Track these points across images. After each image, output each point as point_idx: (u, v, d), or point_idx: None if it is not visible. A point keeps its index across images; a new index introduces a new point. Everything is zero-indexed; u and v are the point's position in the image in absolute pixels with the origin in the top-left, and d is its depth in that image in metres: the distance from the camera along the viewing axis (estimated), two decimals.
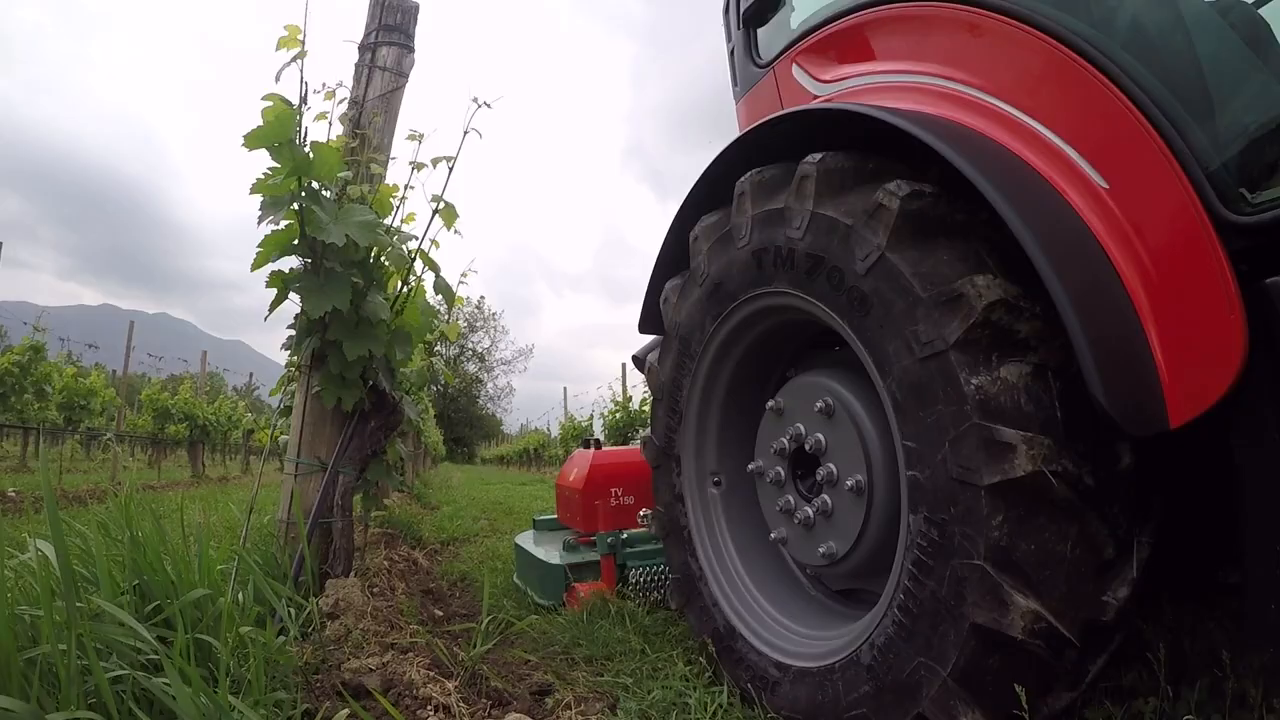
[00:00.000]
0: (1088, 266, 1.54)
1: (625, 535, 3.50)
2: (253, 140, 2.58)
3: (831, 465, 2.05)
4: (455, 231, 3.12)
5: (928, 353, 1.58)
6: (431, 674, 2.14)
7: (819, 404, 2.06)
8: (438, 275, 3.13)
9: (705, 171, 2.39)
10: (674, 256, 2.58)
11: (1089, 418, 1.48)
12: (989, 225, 1.65)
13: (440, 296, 3.23)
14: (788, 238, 1.95)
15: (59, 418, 13.61)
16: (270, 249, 2.75)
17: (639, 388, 16.16)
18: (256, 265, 2.76)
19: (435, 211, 3.04)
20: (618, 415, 15.40)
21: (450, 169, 3.01)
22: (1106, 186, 1.60)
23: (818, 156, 1.89)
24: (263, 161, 2.63)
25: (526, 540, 4.24)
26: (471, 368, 69.63)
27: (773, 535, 2.28)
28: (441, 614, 3.45)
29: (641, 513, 3.46)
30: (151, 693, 1.57)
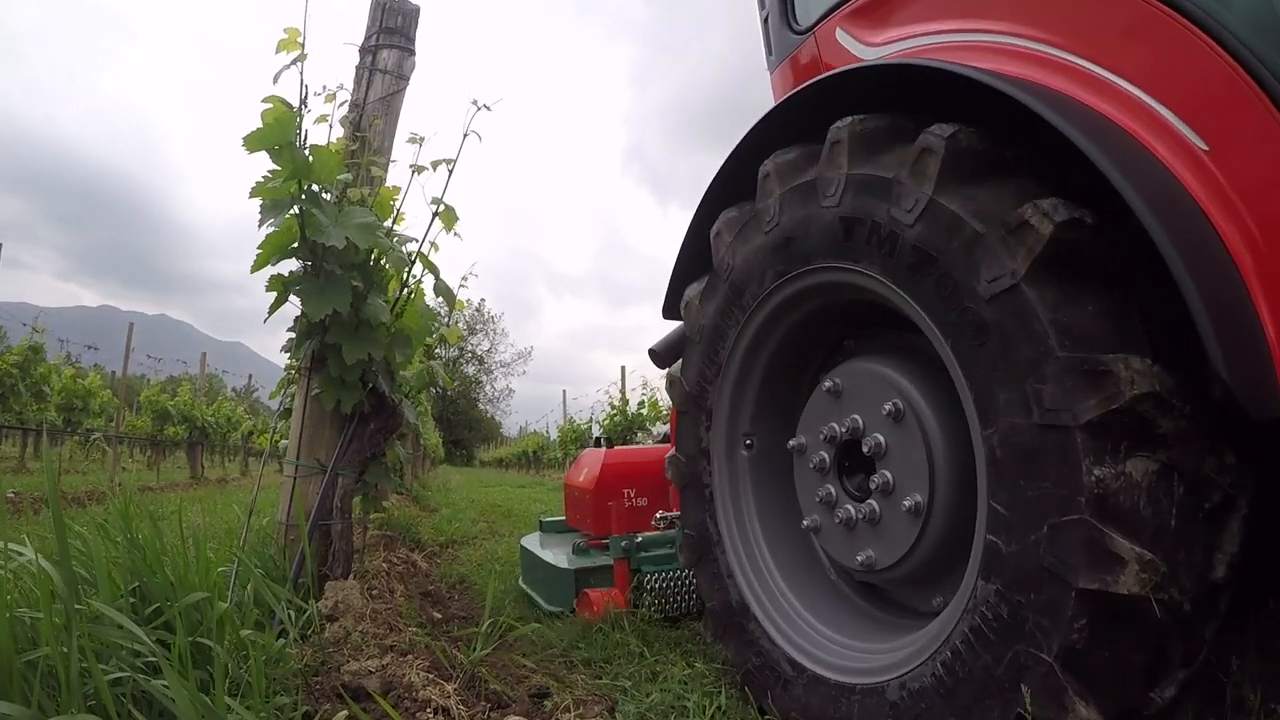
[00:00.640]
0: (1194, 230, 1.41)
1: (640, 538, 3.28)
2: (253, 142, 2.59)
3: (889, 474, 1.86)
4: (455, 234, 3.12)
5: (1051, 421, 1.37)
6: (431, 676, 2.14)
7: (888, 406, 1.85)
8: (437, 278, 3.13)
9: (775, 112, 2.14)
10: (724, 193, 2.31)
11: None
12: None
13: (440, 299, 3.24)
14: (893, 218, 1.67)
15: (58, 419, 13.61)
16: (270, 251, 2.76)
17: (637, 391, 16.16)
18: (256, 267, 2.77)
19: (435, 214, 3.05)
20: (616, 418, 15.40)
21: (450, 172, 3.01)
22: (1206, 149, 1.46)
23: (947, 129, 1.60)
24: (263, 163, 2.64)
25: (533, 543, 4.06)
26: (471, 370, 69.63)
27: (805, 522, 2.14)
28: (441, 616, 3.45)
29: (658, 515, 3.36)
30: (151, 695, 1.57)
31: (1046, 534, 1.37)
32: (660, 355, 3.34)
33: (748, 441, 2.35)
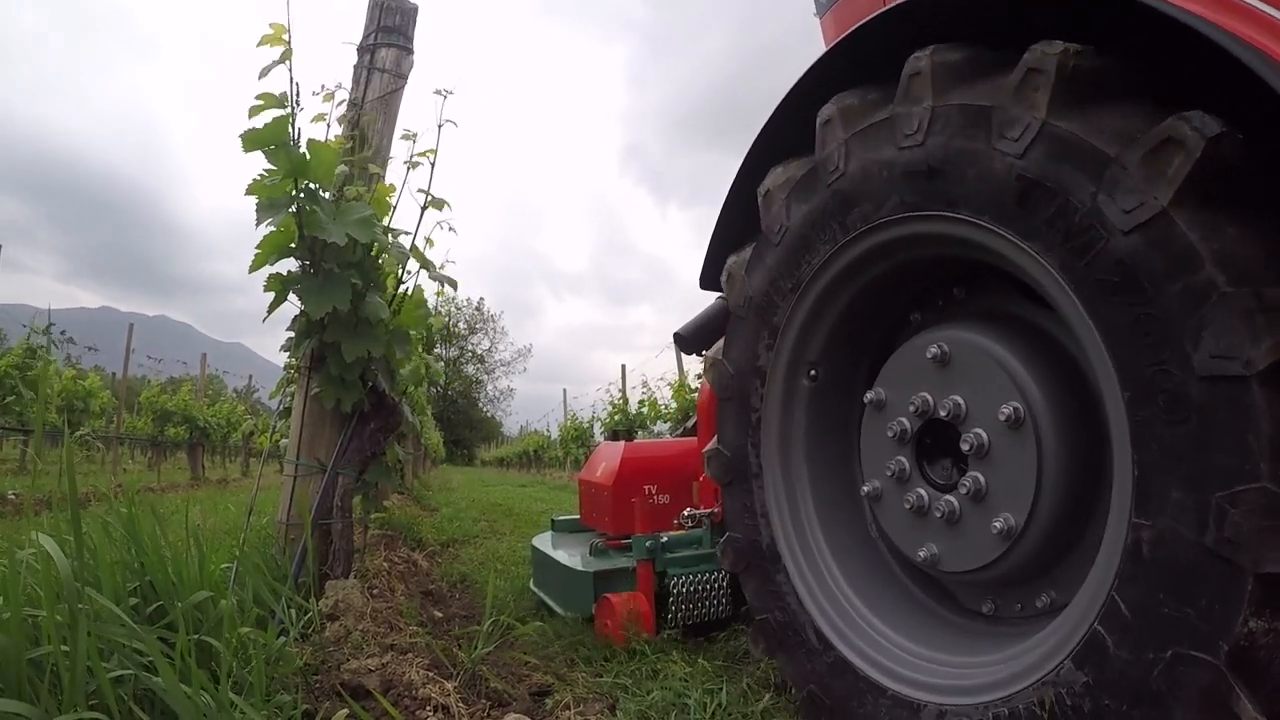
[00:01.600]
0: None
1: (665, 538, 3.02)
2: (249, 142, 2.59)
3: (983, 479, 1.65)
4: (450, 228, 3.13)
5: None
6: (431, 674, 2.14)
7: (1006, 410, 1.59)
8: (431, 271, 3.13)
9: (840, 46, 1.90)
10: (769, 149, 2.10)
11: None
12: None
13: (441, 286, 3.24)
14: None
15: (59, 420, 13.61)
16: (268, 251, 2.76)
17: (637, 390, 16.17)
18: (254, 267, 2.77)
19: (424, 207, 3.05)
20: (616, 417, 15.40)
21: (432, 164, 3.02)
22: None
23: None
24: (262, 163, 2.64)
25: (545, 543, 3.78)
26: (471, 369, 69.66)
27: (866, 488, 1.95)
28: (441, 615, 3.45)
29: (685, 512, 3.11)
30: (154, 693, 1.57)
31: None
32: (687, 339, 3.15)
33: (812, 372, 2.08)
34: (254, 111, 2.57)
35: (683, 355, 14.20)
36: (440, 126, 3.00)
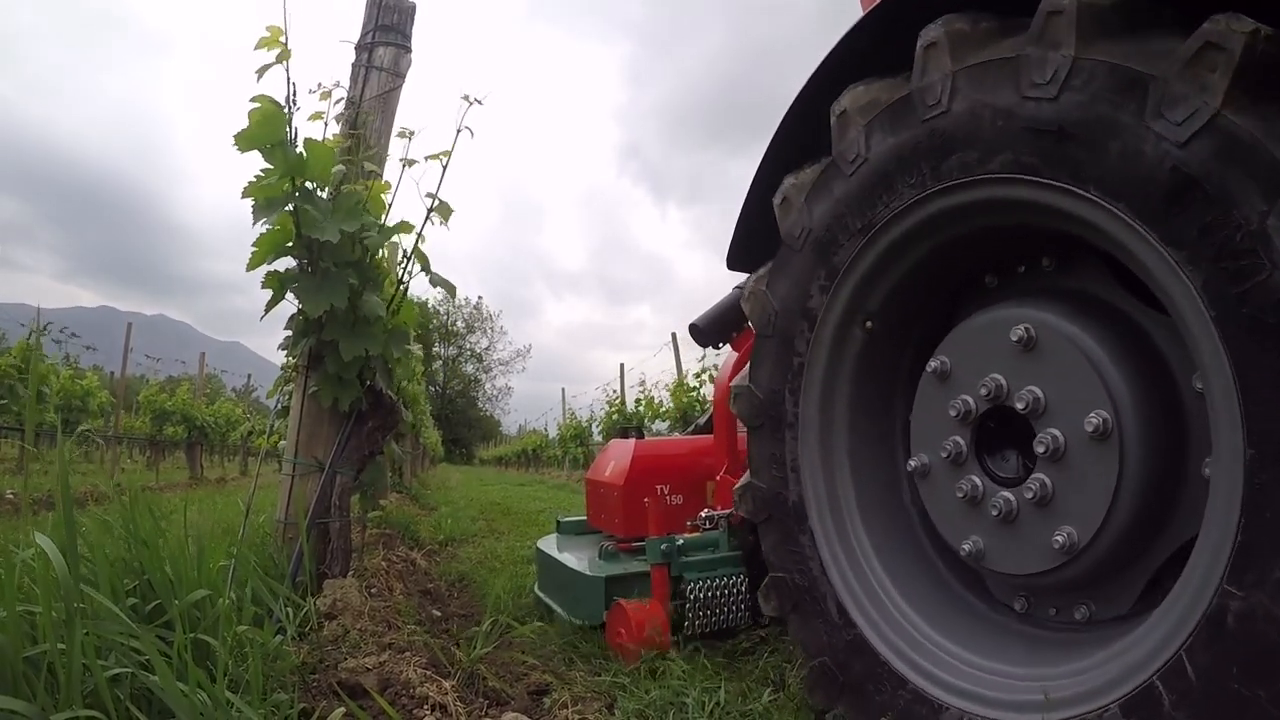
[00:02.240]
0: None
1: (681, 541, 2.84)
2: (244, 142, 2.59)
3: (1049, 483, 1.52)
4: (442, 223, 3.12)
5: None
6: (428, 673, 2.14)
7: (1094, 419, 1.44)
8: (429, 271, 3.13)
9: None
10: (844, 65, 1.84)
11: None
12: None
13: (437, 288, 3.23)
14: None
15: (57, 419, 13.59)
16: (265, 250, 2.76)
17: (635, 389, 16.17)
18: (251, 266, 2.77)
19: (430, 210, 3.04)
20: (614, 416, 15.41)
21: (444, 167, 3.01)
22: None
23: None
24: (260, 163, 2.64)
25: (551, 546, 3.60)
26: (470, 369, 69.68)
27: (912, 462, 1.82)
28: (440, 614, 3.45)
29: (703, 513, 2.97)
30: (150, 692, 1.57)
31: None
32: (702, 331, 3.03)
33: (868, 323, 1.89)
34: (253, 115, 2.57)
35: (681, 355, 14.20)
36: (459, 132, 2.98)
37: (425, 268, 3.16)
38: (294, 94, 2.65)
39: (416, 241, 3.09)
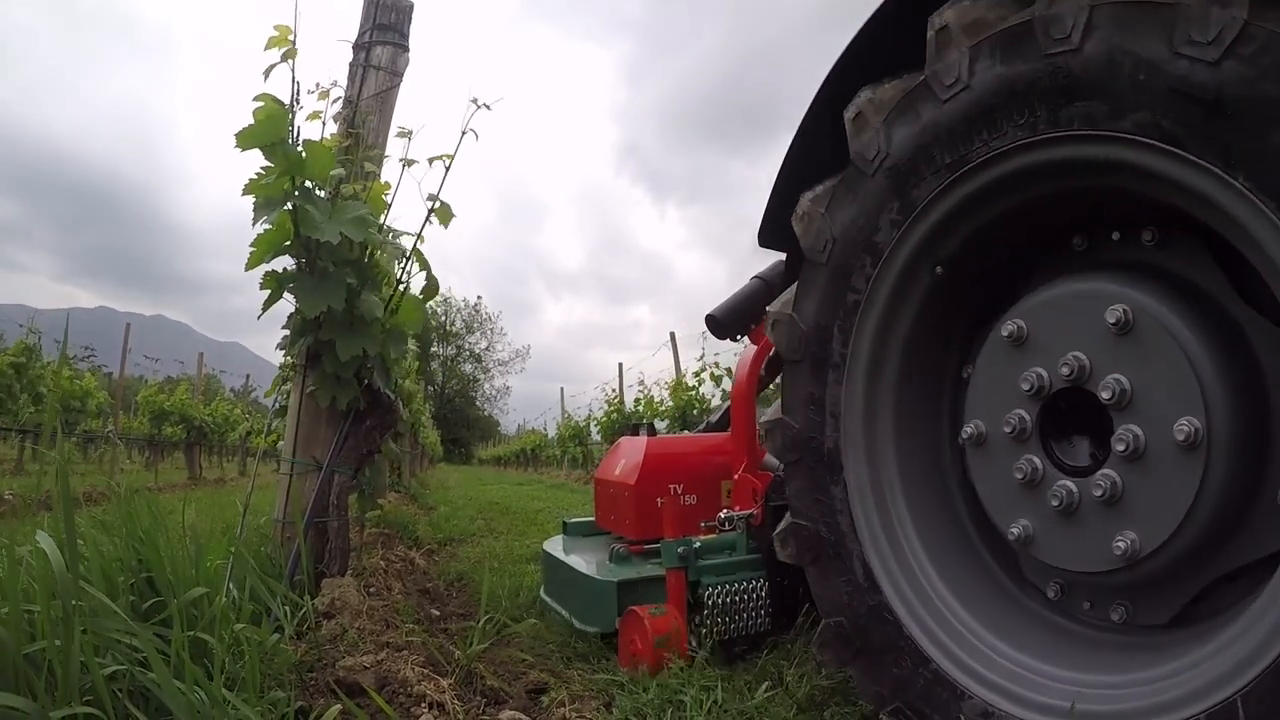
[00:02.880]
0: None
1: (698, 544, 2.68)
2: (245, 140, 2.59)
3: (1120, 481, 1.42)
4: (444, 228, 3.12)
5: None
6: (426, 672, 2.15)
7: (1184, 426, 1.32)
8: (429, 272, 3.13)
9: None
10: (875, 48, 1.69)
11: None
12: None
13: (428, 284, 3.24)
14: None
15: (58, 420, 13.58)
16: (263, 250, 2.76)
17: (634, 389, 16.18)
18: (250, 265, 2.77)
19: (430, 210, 3.04)
20: (613, 416, 15.41)
21: (447, 168, 3.01)
22: None
23: None
24: (259, 163, 2.64)
25: (557, 549, 3.47)
26: (468, 369, 69.67)
27: (967, 429, 1.67)
28: (438, 614, 3.45)
29: (722, 514, 2.80)
30: (148, 689, 1.58)
31: None
32: (721, 322, 2.86)
33: (937, 268, 1.71)
34: (258, 114, 2.58)
35: (679, 354, 14.20)
36: (463, 134, 2.96)
37: (424, 267, 3.16)
38: (298, 93, 2.65)
39: (416, 242, 3.10)
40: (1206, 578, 1.46)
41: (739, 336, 3.14)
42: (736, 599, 2.64)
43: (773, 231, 2.08)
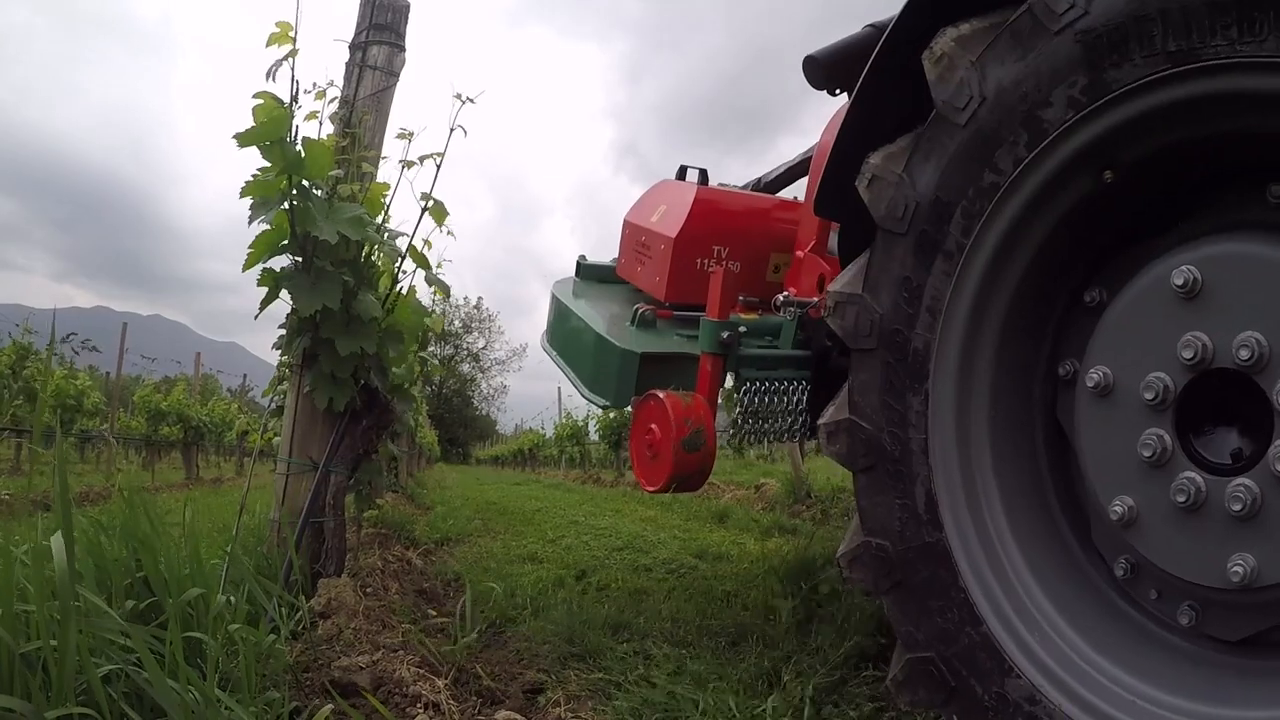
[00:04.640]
0: None
1: (744, 326, 2.22)
2: (244, 139, 2.59)
3: (1261, 493, 1.21)
4: (448, 232, 3.12)
5: None
6: (422, 672, 2.15)
7: None
8: (429, 271, 3.13)
9: None
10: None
11: None
12: None
13: (433, 290, 3.23)
14: None
15: (51, 419, 13.56)
16: (261, 250, 2.76)
17: None
18: (247, 266, 2.77)
19: (424, 210, 3.04)
20: (611, 415, 15.41)
21: (438, 166, 3.01)
22: None
23: None
24: (257, 163, 2.64)
25: (566, 292, 2.96)
26: (466, 368, 69.61)
27: (1094, 375, 1.41)
28: (435, 614, 3.45)
29: (783, 296, 2.28)
30: (143, 690, 1.57)
31: None
32: (821, 65, 2.29)
33: (1108, 173, 1.40)
34: (258, 113, 2.57)
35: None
36: (451, 131, 2.97)
37: (421, 263, 3.16)
38: (298, 91, 2.65)
39: (411, 240, 3.09)
40: None
41: (837, 91, 2.50)
42: (772, 399, 2.24)
43: (832, 198, 1.80)
